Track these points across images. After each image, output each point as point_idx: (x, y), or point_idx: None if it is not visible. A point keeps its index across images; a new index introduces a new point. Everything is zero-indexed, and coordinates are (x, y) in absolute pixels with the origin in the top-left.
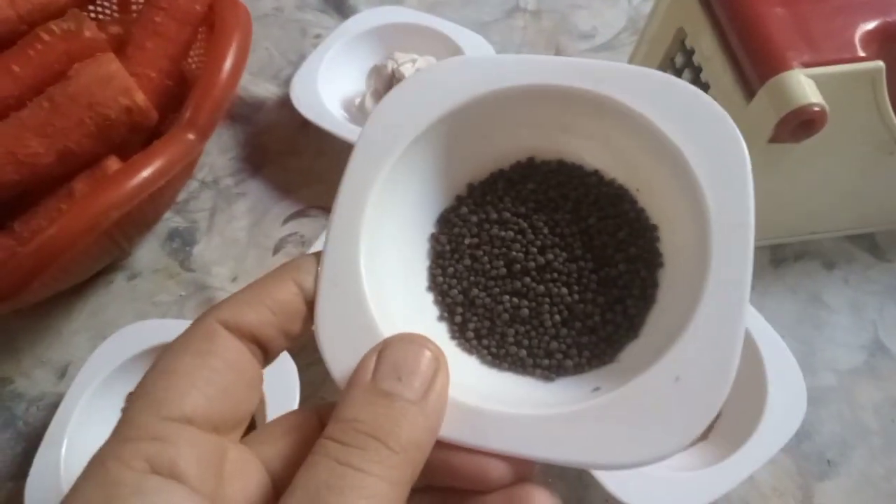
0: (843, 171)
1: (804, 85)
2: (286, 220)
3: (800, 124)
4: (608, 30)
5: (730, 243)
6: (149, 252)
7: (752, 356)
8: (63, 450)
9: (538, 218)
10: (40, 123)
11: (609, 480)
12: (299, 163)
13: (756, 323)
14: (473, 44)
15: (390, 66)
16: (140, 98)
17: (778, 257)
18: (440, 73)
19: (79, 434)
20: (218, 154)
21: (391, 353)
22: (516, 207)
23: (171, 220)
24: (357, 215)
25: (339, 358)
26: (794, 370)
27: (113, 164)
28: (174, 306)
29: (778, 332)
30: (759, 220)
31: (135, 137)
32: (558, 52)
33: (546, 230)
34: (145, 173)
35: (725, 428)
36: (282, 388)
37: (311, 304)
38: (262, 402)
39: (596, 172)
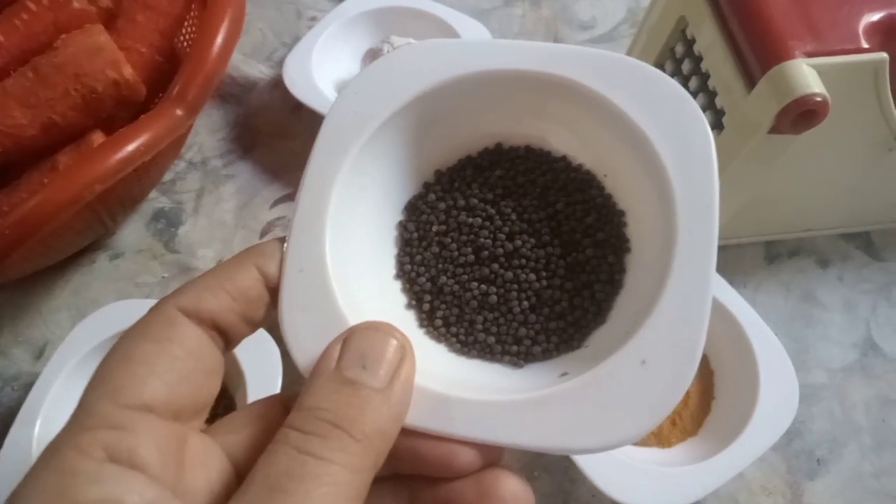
0: (841, 167)
1: (806, 74)
2: (274, 204)
3: (801, 115)
4: (608, 20)
5: (694, 226)
6: (133, 232)
7: (744, 352)
8: (36, 429)
9: (506, 204)
10: (24, 94)
11: (596, 475)
12: (290, 146)
13: (749, 319)
14: (471, 30)
15: (386, 49)
16: (128, 71)
17: (772, 253)
18: (407, 58)
19: (53, 413)
20: (207, 134)
21: (356, 341)
22: (484, 194)
23: (156, 200)
24: (323, 201)
25: (304, 346)
26: (787, 367)
27: (98, 137)
28: (157, 287)
29: (771, 329)
30: (755, 215)
31: (122, 112)
32: (556, 42)
33: (514, 216)
34: (131, 147)
35: (716, 424)
36: (264, 372)
37: (273, 291)
38: (243, 388)
39: (563, 158)
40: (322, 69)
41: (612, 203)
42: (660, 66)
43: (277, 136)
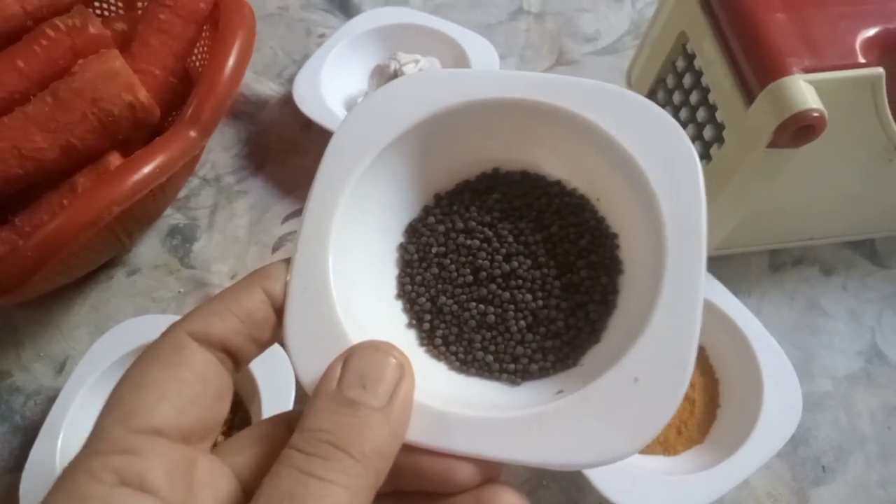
0: (843, 177)
1: (804, 90)
2: (286, 219)
3: (799, 129)
4: (611, 33)
5: (683, 251)
6: (149, 248)
7: (748, 361)
8: (59, 443)
9: (503, 227)
10: (45, 118)
11: (604, 484)
12: (301, 161)
13: (753, 328)
14: (477, 46)
15: (393, 65)
16: (143, 94)
17: (776, 262)
18: (408, 86)
19: (75, 427)
20: (220, 151)
21: (356, 360)
22: (482, 217)
23: (171, 216)
24: (326, 223)
25: (307, 364)
26: (791, 376)
27: (115, 159)
28: (173, 302)
29: (775, 338)
30: (759, 224)
31: (137, 134)
32: (561, 55)
33: (511, 238)
34: (147, 169)
35: (721, 432)
36: (277, 385)
37: (280, 312)
38: (258, 400)
39: (558, 182)
40: (331, 86)
41: (605, 226)
42: (661, 79)
43: (288, 152)
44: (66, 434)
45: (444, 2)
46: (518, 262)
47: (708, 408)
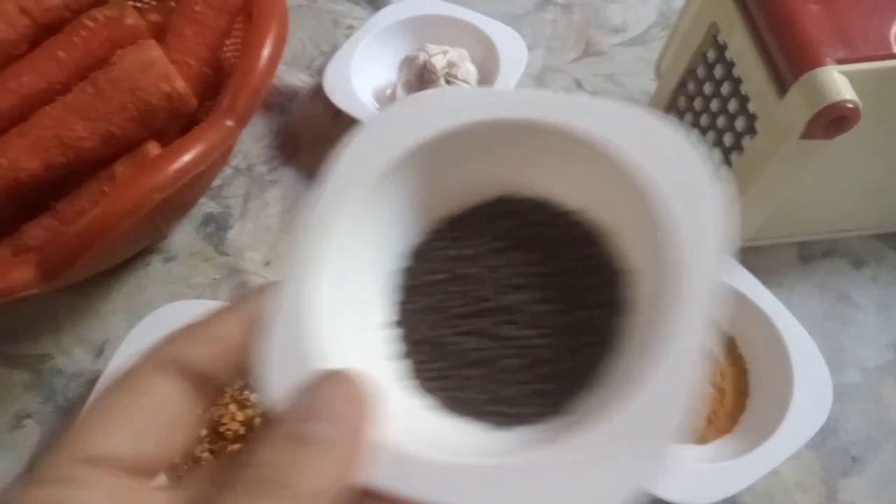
0: (875, 169)
1: (837, 81)
2: None
3: (832, 121)
4: (639, 24)
5: (693, 294)
6: (185, 236)
7: (779, 352)
8: None
9: (507, 257)
10: (85, 108)
11: None
12: (330, 151)
13: (784, 319)
14: (505, 36)
15: (421, 57)
16: (180, 85)
17: (806, 254)
18: (416, 106)
19: None
20: (252, 142)
21: (312, 393)
22: (485, 245)
23: (206, 205)
24: (319, 246)
25: (275, 392)
26: (821, 366)
27: (153, 148)
28: (208, 289)
29: (806, 329)
30: (788, 215)
31: (173, 123)
32: (589, 46)
33: (514, 270)
34: (186, 158)
35: (751, 422)
36: None
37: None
38: None
39: (570, 213)
40: (360, 77)
41: (616, 262)
42: (692, 70)
43: (318, 142)
44: None
45: None
46: (521, 296)
47: (738, 398)
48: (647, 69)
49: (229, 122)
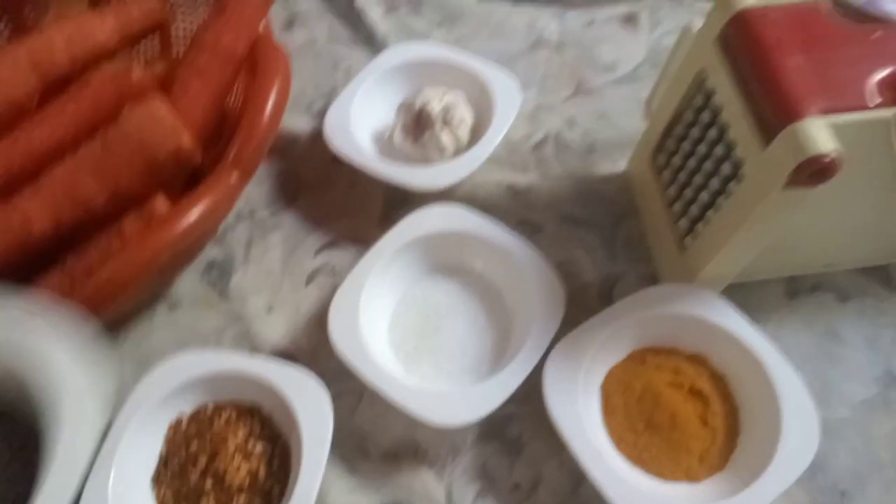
0: (859, 210)
1: (819, 134)
2: (318, 251)
3: (815, 171)
4: (629, 62)
5: None
6: (189, 282)
7: (766, 389)
8: (111, 477)
9: None
10: (95, 165)
11: None
12: (331, 195)
13: (770, 356)
14: (500, 77)
15: (418, 102)
16: (187, 140)
17: (793, 290)
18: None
19: (126, 460)
20: (253, 186)
21: None
22: None
23: (209, 251)
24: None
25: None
26: (809, 403)
27: (161, 203)
28: (213, 335)
29: (793, 364)
30: (775, 254)
31: (179, 173)
32: (580, 84)
33: None
34: (194, 215)
35: (742, 459)
36: (315, 416)
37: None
38: (297, 431)
39: None
40: (360, 122)
41: None
42: (680, 114)
43: (318, 186)
44: (117, 468)
45: (465, 33)
46: None
47: (729, 435)
48: (637, 107)
49: (235, 176)
